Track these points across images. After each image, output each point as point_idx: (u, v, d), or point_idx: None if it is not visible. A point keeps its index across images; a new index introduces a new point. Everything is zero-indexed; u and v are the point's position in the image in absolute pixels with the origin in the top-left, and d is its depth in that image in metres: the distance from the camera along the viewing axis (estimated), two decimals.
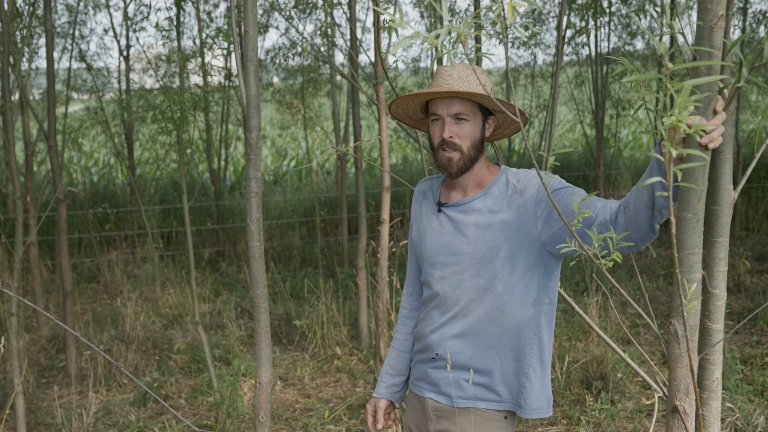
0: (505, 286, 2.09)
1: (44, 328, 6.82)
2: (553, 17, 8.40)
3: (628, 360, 2.23)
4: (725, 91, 1.61)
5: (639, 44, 9.34)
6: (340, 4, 6.16)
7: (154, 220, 8.79)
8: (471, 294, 2.14)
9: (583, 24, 7.77)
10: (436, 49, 1.45)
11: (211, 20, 8.90)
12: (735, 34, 8.21)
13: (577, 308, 2.41)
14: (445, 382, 2.23)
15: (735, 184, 8.32)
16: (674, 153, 1.29)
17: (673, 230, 1.37)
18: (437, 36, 1.41)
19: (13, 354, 4.20)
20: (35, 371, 5.90)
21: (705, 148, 1.53)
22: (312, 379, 5.55)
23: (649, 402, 4.71)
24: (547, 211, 2.04)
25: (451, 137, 2.10)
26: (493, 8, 1.35)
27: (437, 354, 2.22)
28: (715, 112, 1.54)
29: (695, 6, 8.35)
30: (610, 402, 4.79)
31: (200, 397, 5.23)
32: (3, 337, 2.86)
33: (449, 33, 1.41)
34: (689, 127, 1.39)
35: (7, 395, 5.16)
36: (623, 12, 7.70)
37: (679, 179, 1.44)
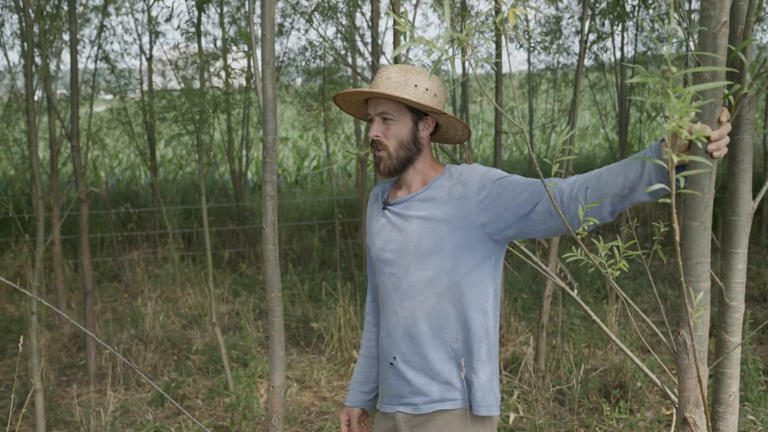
0: (450, 278, 2.09)
1: (66, 325, 6.87)
2: (574, 21, 8.34)
3: (645, 369, 2.20)
4: (731, 98, 1.58)
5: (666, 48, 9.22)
6: (360, 8, 6.11)
7: (175, 221, 8.86)
8: (417, 288, 2.13)
9: (605, 28, 7.70)
10: (448, 53, 1.44)
11: (234, 22, 8.89)
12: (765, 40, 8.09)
13: (594, 316, 2.38)
14: (407, 390, 2.21)
15: (756, 193, 8.16)
16: (675, 159, 1.27)
17: (677, 238, 1.34)
18: (437, 40, 1.38)
19: (33, 352, 4.23)
20: (56, 369, 5.94)
21: (710, 155, 1.52)
22: (328, 382, 5.55)
23: (668, 412, 4.67)
24: (490, 198, 2.04)
25: (377, 137, 2.13)
26: (491, 13, 1.33)
27: (394, 358, 2.21)
28: (720, 123, 1.53)
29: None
30: (628, 411, 4.74)
31: (217, 398, 5.24)
32: (22, 336, 2.88)
33: (451, 39, 1.37)
34: (690, 134, 1.38)
35: (28, 393, 5.21)
36: (648, 16, 7.60)
37: (682, 185, 1.42)
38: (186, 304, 7.38)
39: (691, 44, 1.68)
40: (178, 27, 7.82)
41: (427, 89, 2.08)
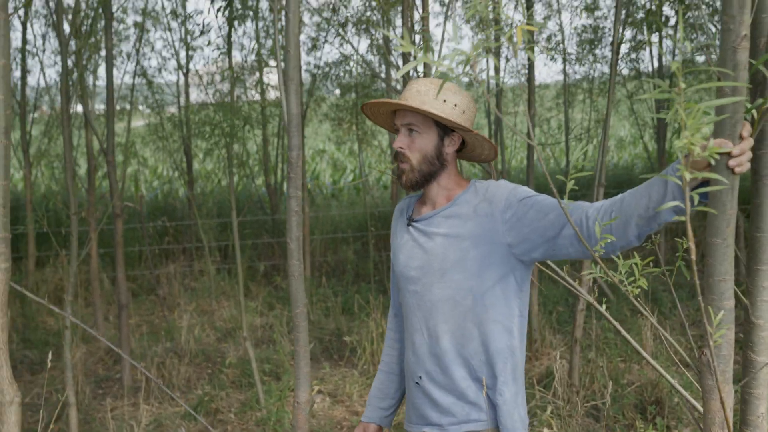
0: (475, 297, 2.06)
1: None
2: (608, 30, 8.22)
3: (677, 386, 2.13)
4: (753, 112, 1.54)
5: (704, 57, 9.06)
6: (392, 22, 6.09)
7: (211, 234, 8.85)
8: (441, 306, 2.11)
9: (638, 36, 7.57)
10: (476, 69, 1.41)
11: (269, 36, 8.94)
12: None
13: (623, 332, 2.31)
14: (433, 410, 2.18)
15: None
16: (688, 177, 1.25)
17: (692, 257, 1.30)
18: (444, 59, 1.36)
19: (67, 366, 4.29)
20: (92, 382, 6.01)
21: (732, 171, 1.49)
22: (360, 396, 5.52)
23: None
24: (516, 218, 2.00)
25: (401, 148, 2.10)
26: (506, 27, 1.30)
27: (420, 377, 2.19)
28: (741, 138, 1.50)
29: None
30: (665, 428, 4.63)
31: (249, 412, 5.26)
32: (51, 352, 2.91)
33: (458, 55, 1.36)
34: (703, 150, 1.34)
35: (64, 406, 5.28)
36: (688, 22, 7.44)
37: (696, 202, 1.38)
38: (221, 317, 7.40)
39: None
40: (209, 43, 7.96)
41: (456, 105, 2.05)
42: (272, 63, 8.57)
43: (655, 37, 7.64)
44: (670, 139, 9.02)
